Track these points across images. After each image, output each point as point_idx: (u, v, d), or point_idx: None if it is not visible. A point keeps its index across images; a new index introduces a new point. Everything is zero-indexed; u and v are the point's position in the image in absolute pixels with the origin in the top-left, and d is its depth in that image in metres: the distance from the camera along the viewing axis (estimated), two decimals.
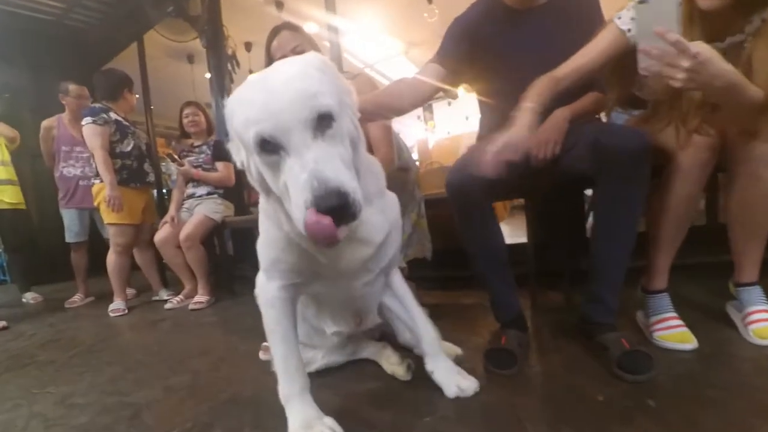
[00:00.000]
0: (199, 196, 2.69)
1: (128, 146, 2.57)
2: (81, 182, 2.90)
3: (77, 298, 2.93)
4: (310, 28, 4.84)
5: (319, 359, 1.19)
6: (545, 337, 1.34)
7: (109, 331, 2.09)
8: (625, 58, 1.09)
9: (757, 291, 1.16)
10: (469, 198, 1.15)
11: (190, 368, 1.41)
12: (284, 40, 1.51)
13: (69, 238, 2.92)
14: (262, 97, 0.64)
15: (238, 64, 3.57)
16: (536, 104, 1.10)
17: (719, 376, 0.95)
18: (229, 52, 3.52)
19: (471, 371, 1.03)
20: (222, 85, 3.45)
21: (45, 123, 2.98)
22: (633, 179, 1.04)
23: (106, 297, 2.94)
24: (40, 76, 4.33)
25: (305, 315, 1.13)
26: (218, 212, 2.63)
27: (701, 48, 0.84)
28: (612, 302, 1.14)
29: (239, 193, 2.98)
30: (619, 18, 1.11)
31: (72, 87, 2.88)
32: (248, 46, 4.98)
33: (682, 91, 1.06)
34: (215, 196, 2.71)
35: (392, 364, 1.14)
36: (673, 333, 1.13)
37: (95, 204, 2.60)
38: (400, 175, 1.64)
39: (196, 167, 2.69)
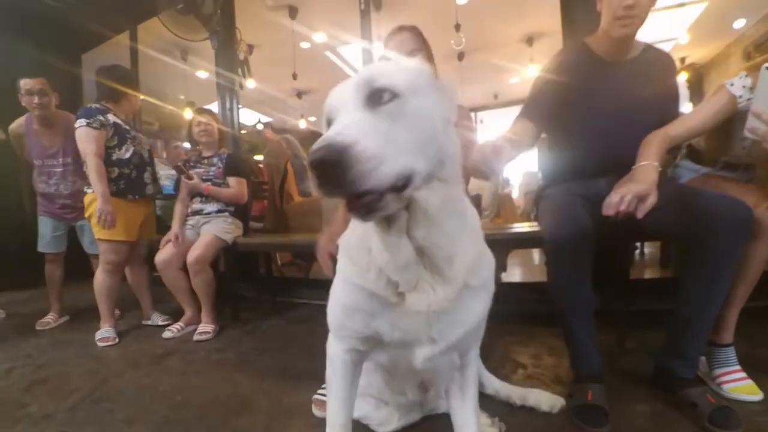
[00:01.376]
0: (208, 214, 2.45)
1: (127, 153, 2.28)
2: (57, 200, 2.51)
3: (50, 319, 2.57)
4: (320, 38, 4.76)
5: (395, 420, 1.10)
6: (620, 388, 1.29)
7: (107, 369, 1.81)
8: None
9: None
10: (576, 248, 1.14)
11: (237, 430, 1.23)
12: (405, 40, 1.47)
13: (41, 247, 2.56)
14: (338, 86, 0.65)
15: (249, 70, 3.36)
16: (658, 162, 1.17)
17: None
18: (241, 56, 3.30)
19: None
20: (231, 91, 3.23)
21: (13, 128, 2.54)
22: (733, 247, 1.08)
23: (82, 315, 2.63)
24: (12, 57, 3.87)
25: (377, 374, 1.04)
26: (229, 232, 2.40)
27: None
28: (696, 358, 1.20)
29: (245, 211, 2.74)
30: (732, 85, 1.21)
31: (21, 82, 2.34)
32: (250, 49, 4.74)
33: None
34: (226, 214, 2.48)
35: (481, 424, 1.05)
36: (742, 385, 1.18)
37: (86, 216, 2.29)
38: None
39: (205, 181, 2.46)
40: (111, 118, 2.24)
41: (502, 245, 1.86)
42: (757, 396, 1.15)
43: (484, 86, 6.82)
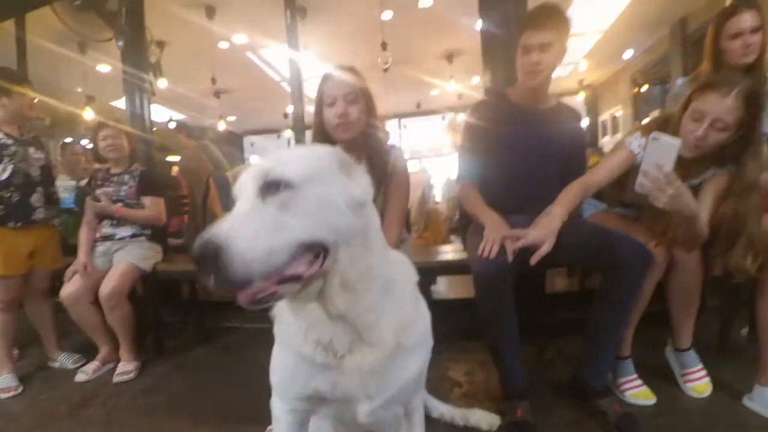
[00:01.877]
0: (121, 239, 2.21)
1: (4, 173, 1.94)
2: None
3: None
4: (239, 39, 4.52)
5: None
6: (543, 399, 1.46)
7: (16, 426, 1.56)
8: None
9: (691, 354, 1.48)
10: (498, 283, 1.28)
11: None
12: (342, 82, 1.42)
13: None
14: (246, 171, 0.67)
15: (161, 72, 3.05)
16: (566, 211, 1.35)
17: (679, 425, 1.30)
18: (152, 59, 2.99)
19: None
20: (141, 90, 2.91)
21: None
22: (638, 282, 1.29)
23: None
24: None
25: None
26: (147, 259, 2.19)
27: (681, 185, 1.17)
28: (606, 371, 1.42)
29: (164, 232, 2.51)
30: (630, 144, 1.41)
31: None
32: (162, 46, 4.32)
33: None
34: (142, 238, 2.26)
35: None
36: (640, 391, 1.43)
37: None
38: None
39: (115, 202, 2.21)
40: None
41: (430, 272, 1.97)
42: (652, 400, 1.41)
43: (407, 95, 7.05)
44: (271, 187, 0.61)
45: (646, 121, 1.64)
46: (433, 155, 10.38)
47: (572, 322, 1.50)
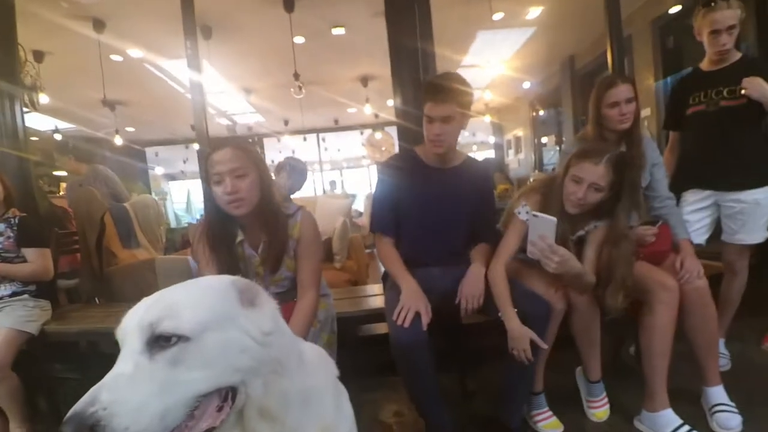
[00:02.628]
0: (0, 299, 1.94)
1: None
2: None
3: None
4: (135, 53, 4.16)
5: None
6: None
7: None
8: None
9: (599, 386, 1.68)
10: (414, 348, 1.35)
11: None
12: (226, 157, 1.30)
13: None
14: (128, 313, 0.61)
15: (39, 90, 2.69)
16: (485, 268, 1.58)
17: None
18: (27, 80, 2.63)
19: None
20: (14, 126, 2.54)
21: None
22: (541, 331, 1.42)
23: None
24: None
25: None
26: (32, 320, 1.94)
27: (564, 252, 1.38)
28: (522, 409, 1.60)
29: (52, 287, 2.23)
30: (519, 213, 1.57)
31: None
32: (39, 56, 3.81)
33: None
34: (25, 296, 1.99)
35: None
36: (549, 422, 1.61)
37: None
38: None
39: None
40: None
41: (354, 321, 2.04)
42: (560, 429, 1.58)
43: (325, 111, 7.08)
44: (159, 340, 0.55)
45: (531, 181, 1.85)
46: (353, 166, 10.59)
47: (491, 349, 1.55)
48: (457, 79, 1.55)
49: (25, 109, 2.62)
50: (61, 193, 3.51)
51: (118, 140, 5.63)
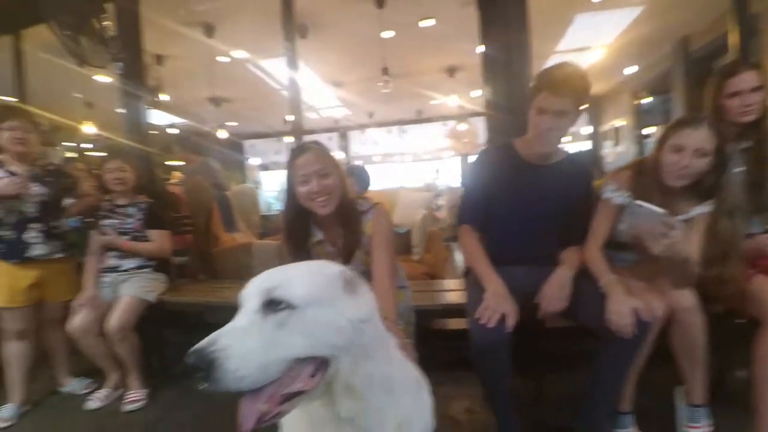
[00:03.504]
0: (126, 271, 2.26)
1: None
2: None
3: None
4: (238, 54, 4.54)
5: None
6: None
7: None
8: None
9: (702, 411, 1.45)
10: (495, 350, 1.29)
11: None
12: (311, 160, 1.40)
13: None
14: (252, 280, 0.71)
15: (160, 92, 3.07)
16: (574, 273, 1.45)
17: None
18: (152, 82, 3.01)
19: None
20: (139, 123, 2.92)
21: None
22: (639, 344, 1.29)
23: None
24: None
25: None
26: (152, 290, 2.24)
27: (679, 229, 1.27)
28: (603, 426, 1.44)
29: (168, 263, 2.54)
30: (610, 199, 1.49)
31: None
32: (160, 59, 4.35)
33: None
34: (147, 269, 2.30)
35: None
36: None
37: None
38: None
39: (121, 234, 2.25)
40: None
41: (429, 315, 2.02)
42: None
43: (409, 103, 7.09)
44: (272, 304, 0.65)
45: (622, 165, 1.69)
46: (434, 158, 10.49)
47: (569, 356, 1.52)
48: (579, 73, 1.46)
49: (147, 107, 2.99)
50: (173, 180, 3.99)
51: (222, 133, 6.23)
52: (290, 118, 2.85)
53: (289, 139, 8.08)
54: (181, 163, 4.62)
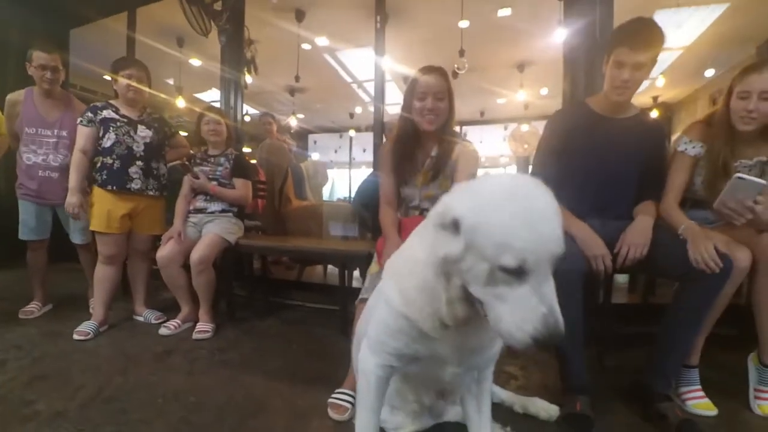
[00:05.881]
0: (212, 212, 2.46)
1: (108, 141, 2.22)
2: (42, 172, 2.37)
3: (34, 307, 2.48)
4: (321, 41, 4.79)
5: (408, 424, 1.19)
6: (601, 401, 1.45)
7: (108, 365, 1.80)
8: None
9: None
10: (571, 283, 1.31)
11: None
12: (432, 81, 1.57)
13: (23, 234, 2.42)
14: (528, 235, 0.70)
15: (256, 69, 3.36)
16: (653, 221, 1.48)
17: None
18: (248, 55, 3.30)
19: None
20: (236, 86, 3.21)
21: (10, 97, 2.42)
22: (719, 287, 1.29)
23: (66, 305, 2.62)
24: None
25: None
26: (233, 233, 2.42)
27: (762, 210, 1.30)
28: (672, 377, 1.41)
29: (243, 212, 2.74)
30: (686, 150, 1.57)
31: (35, 54, 2.29)
32: (249, 43, 4.70)
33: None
34: (230, 214, 2.50)
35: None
36: (702, 402, 1.40)
37: None
38: None
39: (211, 180, 2.47)
40: (104, 113, 2.24)
41: None
42: (713, 412, 1.39)
43: (472, 102, 7.06)
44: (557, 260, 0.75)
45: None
46: (490, 165, 10.27)
47: (632, 335, 1.52)
48: (657, 27, 1.48)
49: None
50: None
51: (293, 121, 6.57)
52: (358, 110, 2.99)
53: (353, 134, 8.33)
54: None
